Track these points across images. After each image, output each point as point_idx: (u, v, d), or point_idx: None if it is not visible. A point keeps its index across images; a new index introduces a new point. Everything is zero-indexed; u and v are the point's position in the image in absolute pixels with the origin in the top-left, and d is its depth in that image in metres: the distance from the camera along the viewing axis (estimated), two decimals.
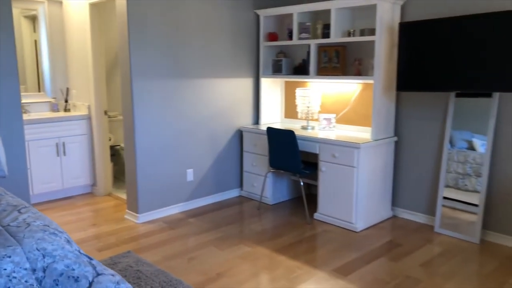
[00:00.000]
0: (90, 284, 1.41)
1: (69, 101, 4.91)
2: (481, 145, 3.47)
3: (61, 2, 4.85)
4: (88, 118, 4.67)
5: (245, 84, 4.62)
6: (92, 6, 4.40)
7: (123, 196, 4.66)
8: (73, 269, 1.43)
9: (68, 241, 1.57)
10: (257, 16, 4.62)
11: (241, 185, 4.76)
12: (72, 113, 4.75)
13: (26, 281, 1.35)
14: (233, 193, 4.69)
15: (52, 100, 4.89)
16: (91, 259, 1.54)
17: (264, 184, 4.33)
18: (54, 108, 4.84)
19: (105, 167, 4.73)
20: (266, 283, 2.82)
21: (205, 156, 4.37)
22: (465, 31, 3.25)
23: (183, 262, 3.12)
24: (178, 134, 4.10)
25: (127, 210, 4.03)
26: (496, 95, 3.36)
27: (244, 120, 4.68)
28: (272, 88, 4.77)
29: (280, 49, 4.75)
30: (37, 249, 1.45)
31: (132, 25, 3.66)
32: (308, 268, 3.02)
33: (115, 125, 5.41)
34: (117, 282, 1.44)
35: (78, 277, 1.41)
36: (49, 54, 4.84)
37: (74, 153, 4.61)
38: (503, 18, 3.05)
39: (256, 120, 4.80)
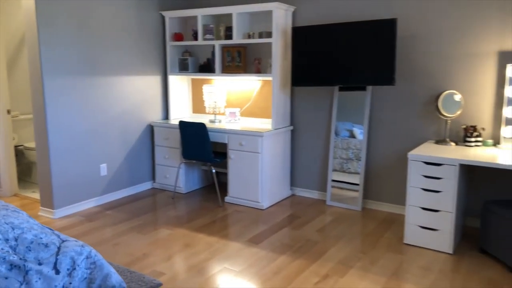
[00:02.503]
0: (59, 248, 1.66)
1: None
2: (360, 133, 4.21)
3: None
4: None
5: (154, 81, 4.88)
6: None
7: (31, 195, 4.61)
8: (41, 238, 1.67)
9: (30, 217, 1.79)
10: (163, 17, 4.89)
11: (153, 178, 5.01)
12: None
13: (2, 249, 1.56)
14: (146, 185, 4.92)
15: None
16: (52, 230, 1.78)
17: (178, 174, 4.64)
18: None
19: (9, 168, 4.62)
20: (190, 256, 3.18)
21: (117, 151, 4.54)
22: (344, 35, 3.94)
23: (108, 247, 3.33)
24: (90, 130, 4.23)
25: (41, 207, 4.05)
26: (369, 89, 4.12)
27: (155, 115, 4.94)
28: (180, 85, 5.08)
29: (185, 49, 5.08)
30: (5, 223, 1.66)
31: (41, 24, 3.71)
32: (225, 241, 3.45)
33: (17, 125, 5.25)
34: (82, 246, 1.71)
35: (47, 243, 1.65)
36: None
37: None
38: (372, 26, 3.79)
39: (166, 115, 5.08)
